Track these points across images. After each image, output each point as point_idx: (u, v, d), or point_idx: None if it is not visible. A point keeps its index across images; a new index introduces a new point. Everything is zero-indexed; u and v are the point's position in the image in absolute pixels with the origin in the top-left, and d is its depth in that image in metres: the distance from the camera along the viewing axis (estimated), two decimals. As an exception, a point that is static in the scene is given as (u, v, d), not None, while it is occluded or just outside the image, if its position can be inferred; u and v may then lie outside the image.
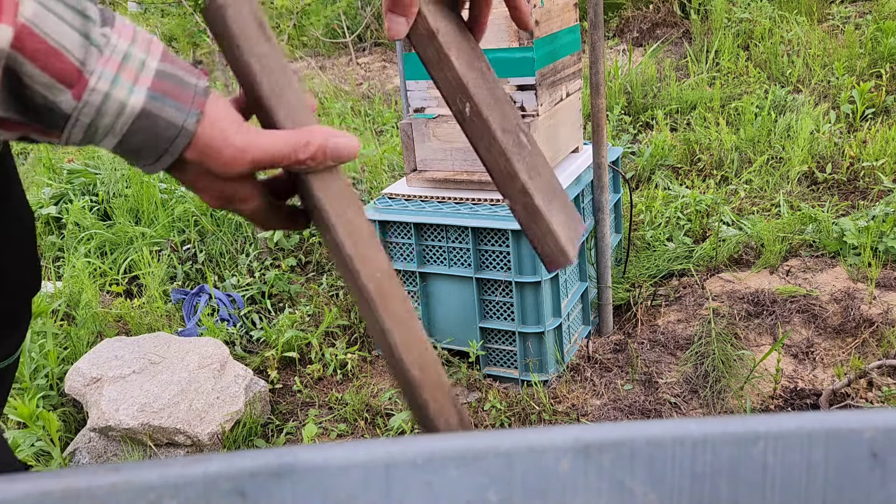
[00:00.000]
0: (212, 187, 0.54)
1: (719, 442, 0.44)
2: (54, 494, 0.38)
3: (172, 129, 0.49)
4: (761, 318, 2.25)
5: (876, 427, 0.43)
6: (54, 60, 0.45)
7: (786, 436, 0.45)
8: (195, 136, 0.50)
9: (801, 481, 0.45)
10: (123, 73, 0.47)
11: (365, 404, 2.04)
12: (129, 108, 0.48)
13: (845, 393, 1.91)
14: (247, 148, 0.51)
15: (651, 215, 2.82)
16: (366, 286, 0.57)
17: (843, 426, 0.43)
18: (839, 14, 4.79)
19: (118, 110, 0.47)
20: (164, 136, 0.49)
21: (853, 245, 2.49)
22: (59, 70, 0.45)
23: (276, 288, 2.61)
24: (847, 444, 0.44)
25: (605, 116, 2.00)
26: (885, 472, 0.44)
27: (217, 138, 0.51)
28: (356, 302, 0.59)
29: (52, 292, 2.56)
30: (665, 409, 1.95)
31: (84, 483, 0.37)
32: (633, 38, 5.21)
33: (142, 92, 0.48)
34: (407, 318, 0.59)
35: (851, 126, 3.47)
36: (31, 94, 0.45)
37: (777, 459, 0.45)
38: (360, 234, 0.57)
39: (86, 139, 0.49)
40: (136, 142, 0.49)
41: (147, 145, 0.50)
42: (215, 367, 1.99)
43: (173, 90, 0.49)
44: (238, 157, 0.51)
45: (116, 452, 1.88)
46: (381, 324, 0.57)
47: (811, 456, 0.45)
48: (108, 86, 0.47)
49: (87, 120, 0.47)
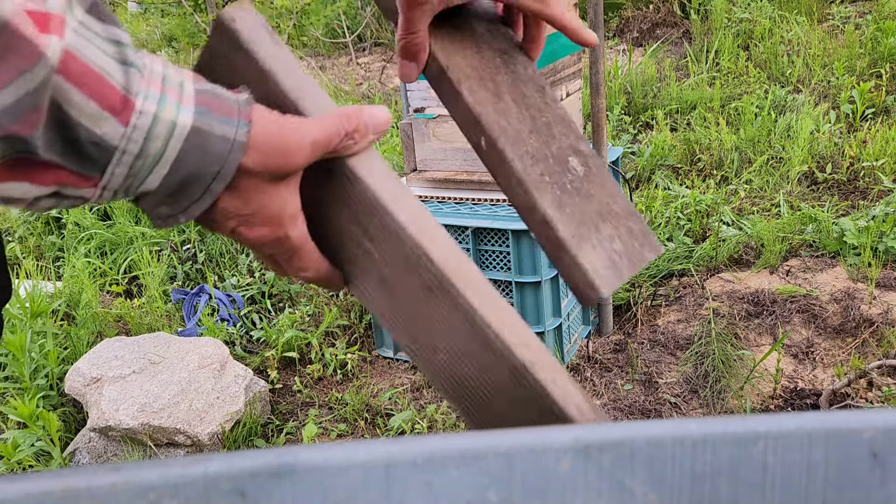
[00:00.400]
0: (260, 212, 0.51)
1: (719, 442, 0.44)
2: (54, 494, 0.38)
3: (224, 145, 0.47)
4: (761, 318, 2.25)
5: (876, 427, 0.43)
6: (99, 86, 0.42)
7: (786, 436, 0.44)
8: (250, 139, 0.48)
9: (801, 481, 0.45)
10: (168, 93, 0.45)
11: (365, 404, 2.04)
12: (180, 127, 0.45)
13: (845, 393, 1.91)
14: (303, 131, 0.50)
15: (651, 215, 2.82)
16: (441, 269, 0.51)
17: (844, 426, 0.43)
18: (839, 14, 4.79)
19: (168, 132, 0.45)
20: (217, 154, 0.47)
21: (853, 245, 2.49)
22: (103, 96, 0.42)
23: (276, 288, 2.61)
24: (847, 444, 0.44)
25: (605, 116, 2.00)
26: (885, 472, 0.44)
27: (273, 133, 0.49)
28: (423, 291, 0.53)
29: (52, 292, 2.56)
30: (665, 409, 1.95)
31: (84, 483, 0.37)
32: (633, 38, 5.21)
33: (189, 109, 0.46)
34: (495, 296, 0.53)
35: (851, 126, 3.47)
36: (74, 127, 0.42)
37: (777, 459, 0.45)
38: (420, 215, 0.53)
39: (127, 180, 0.45)
40: (187, 168, 0.46)
41: (196, 171, 0.47)
42: (215, 367, 1.99)
43: (219, 105, 0.47)
44: (298, 143, 0.50)
45: (116, 452, 1.88)
46: (465, 305, 0.51)
47: (811, 456, 0.45)
48: (155, 106, 0.44)
49: (136, 149, 0.44)
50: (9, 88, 0.39)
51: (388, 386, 2.15)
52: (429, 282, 0.52)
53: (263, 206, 0.51)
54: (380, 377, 2.20)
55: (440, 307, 0.52)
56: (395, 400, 2.06)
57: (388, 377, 2.20)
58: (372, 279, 0.56)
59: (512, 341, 0.52)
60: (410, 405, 2.04)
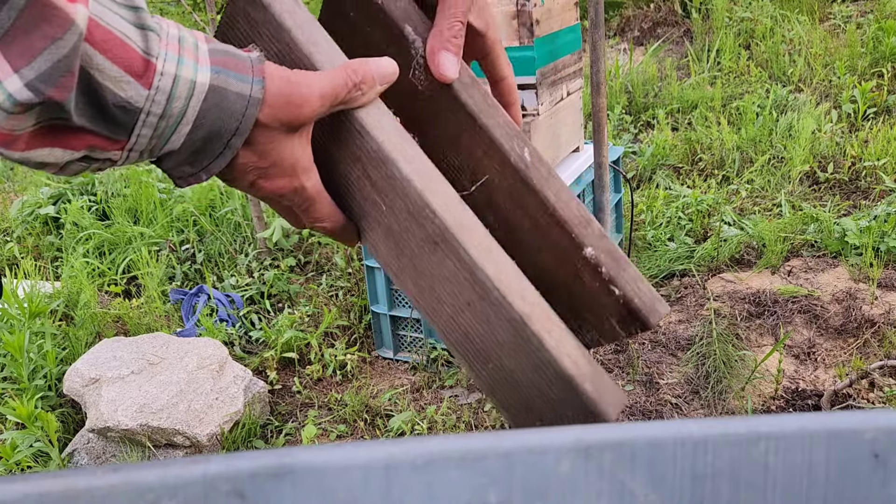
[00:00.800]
0: (277, 164, 0.53)
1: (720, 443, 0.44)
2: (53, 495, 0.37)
3: (241, 101, 0.49)
4: (763, 319, 2.24)
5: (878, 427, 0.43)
6: (121, 50, 0.44)
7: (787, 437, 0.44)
8: (265, 94, 0.50)
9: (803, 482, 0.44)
10: (185, 54, 0.47)
11: (364, 405, 2.03)
12: (199, 86, 0.47)
13: (847, 393, 1.90)
14: (311, 84, 0.52)
15: (652, 215, 2.81)
16: (443, 219, 0.52)
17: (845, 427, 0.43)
18: (840, 13, 4.78)
19: (189, 90, 0.47)
20: (235, 110, 0.49)
21: (855, 245, 2.48)
22: (126, 60, 0.44)
23: (276, 288, 2.60)
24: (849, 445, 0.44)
25: (606, 116, 1.99)
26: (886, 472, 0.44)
27: (284, 87, 0.51)
28: (427, 245, 0.54)
29: (51, 292, 2.55)
30: (666, 409, 1.94)
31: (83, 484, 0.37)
32: (634, 38, 5.20)
33: (205, 68, 0.48)
34: (494, 247, 0.53)
35: (853, 126, 3.46)
36: (102, 92, 0.44)
37: (778, 460, 0.44)
38: (426, 168, 0.54)
39: (152, 141, 0.48)
40: (207, 126, 0.49)
41: (217, 128, 0.49)
42: (214, 367, 1.98)
43: (234, 63, 0.49)
44: (308, 95, 0.51)
45: (115, 453, 1.87)
46: (465, 257, 0.52)
47: (813, 457, 0.44)
48: (174, 67, 0.46)
49: (159, 110, 0.46)
50: (43, 55, 0.41)
51: (387, 387, 2.14)
52: (433, 234, 0.53)
53: (280, 158, 0.53)
54: (379, 378, 2.19)
55: (444, 260, 0.53)
56: (395, 401, 2.05)
57: (388, 378, 2.19)
58: (380, 232, 0.57)
59: (509, 293, 0.52)
60: (410, 406, 2.03)
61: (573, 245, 0.59)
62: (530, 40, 1.89)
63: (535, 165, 0.60)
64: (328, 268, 2.73)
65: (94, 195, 3.26)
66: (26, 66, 0.41)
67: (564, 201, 0.59)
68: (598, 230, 0.60)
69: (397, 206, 0.54)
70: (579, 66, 2.25)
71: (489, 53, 0.64)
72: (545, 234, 0.60)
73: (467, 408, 1.99)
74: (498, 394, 0.59)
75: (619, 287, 0.58)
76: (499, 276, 0.52)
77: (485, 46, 0.64)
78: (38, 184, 3.48)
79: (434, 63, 0.59)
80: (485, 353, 0.56)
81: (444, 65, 0.59)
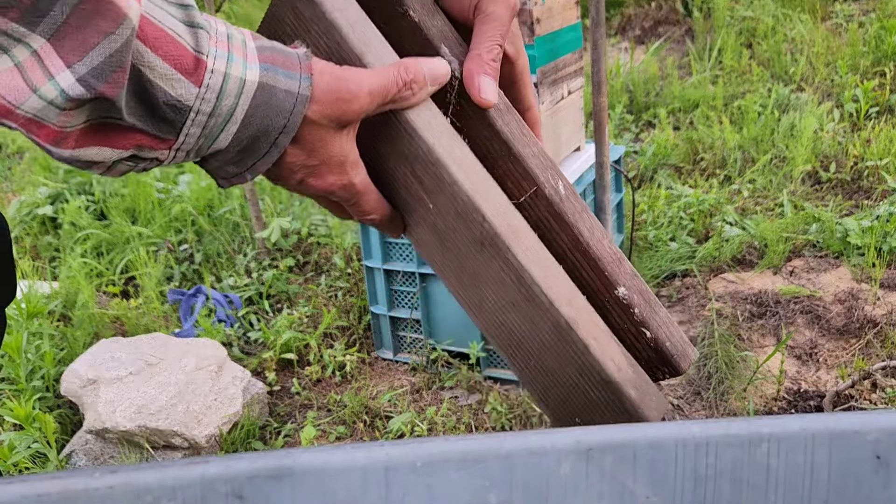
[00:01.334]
0: (326, 162, 0.53)
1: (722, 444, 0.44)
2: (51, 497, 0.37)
3: (289, 99, 0.48)
4: (764, 319, 2.23)
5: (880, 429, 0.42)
6: (172, 48, 0.43)
7: (789, 437, 0.44)
8: (312, 91, 0.49)
9: (805, 483, 0.44)
10: (235, 51, 0.46)
11: (364, 406, 2.02)
12: (248, 83, 0.47)
13: (849, 394, 1.89)
14: (360, 80, 0.51)
15: (653, 215, 2.80)
16: (493, 224, 0.52)
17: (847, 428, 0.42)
18: (842, 12, 4.76)
19: (239, 88, 0.46)
20: (283, 108, 0.48)
21: (857, 245, 2.47)
22: (177, 57, 0.44)
23: (275, 288, 2.59)
24: (851, 446, 0.43)
25: (607, 115, 1.98)
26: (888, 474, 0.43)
27: (332, 84, 0.50)
28: (474, 245, 0.53)
29: (49, 293, 2.54)
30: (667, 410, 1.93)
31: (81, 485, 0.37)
32: (636, 36, 5.19)
33: (255, 66, 0.47)
34: (543, 253, 0.54)
35: (855, 125, 3.45)
36: (152, 90, 0.44)
37: (780, 461, 0.44)
38: (476, 171, 0.54)
39: (199, 140, 0.47)
40: (255, 124, 0.48)
41: (265, 126, 0.48)
42: (213, 368, 1.97)
43: (282, 60, 0.49)
44: (356, 93, 0.50)
45: (113, 455, 1.86)
46: (514, 261, 0.52)
47: (815, 458, 0.44)
48: (224, 65, 0.46)
49: (209, 108, 0.45)
50: (95, 50, 0.40)
51: (387, 388, 2.13)
52: (480, 237, 0.53)
53: (328, 155, 0.52)
54: (379, 379, 2.18)
55: (490, 261, 0.54)
56: (395, 402, 2.04)
57: (388, 379, 2.18)
58: (426, 228, 0.58)
59: (557, 298, 0.52)
60: (410, 407, 2.02)
61: (605, 283, 0.58)
62: (531, 39, 1.88)
63: (569, 199, 0.59)
64: (327, 268, 2.72)
65: (92, 195, 3.25)
66: (79, 62, 0.40)
67: (598, 238, 0.59)
68: (630, 269, 0.60)
69: (445, 207, 0.54)
70: (580, 64, 2.23)
71: (517, 81, 0.63)
72: (574, 270, 0.59)
73: (467, 409, 1.98)
74: (537, 389, 0.59)
75: (652, 330, 0.58)
76: (546, 280, 0.53)
77: (514, 74, 0.62)
78: (36, 184, 3.47)
79: (474, 87, 0.57)
80: (527, 350, 0.56)
81: (485, 89, 0.57)
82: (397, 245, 2.09)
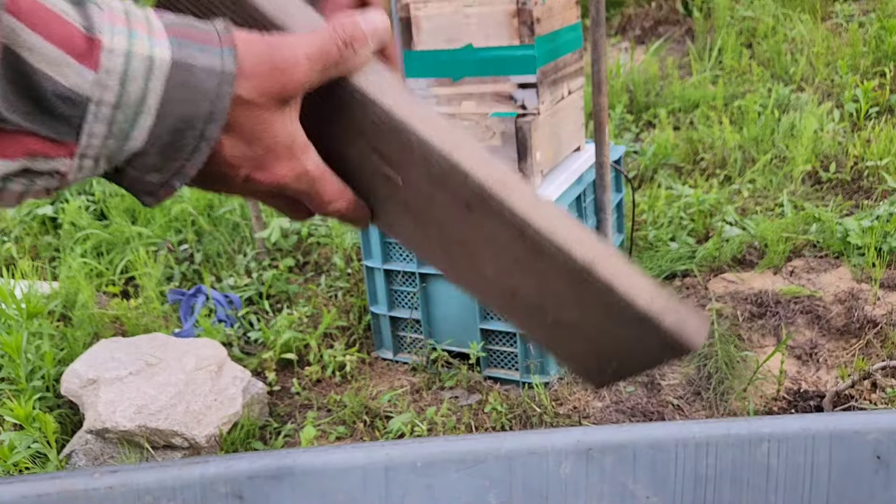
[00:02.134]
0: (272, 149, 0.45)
1: (722, 444, 0.44)
2: (51, 497, 0.37)
3: (212, 79, 0.40)
4: (765, 319, 2.23)
5: (880, 429, 0.42)
6: (56, 25, 0.36)
7: (790, 438, 0.44)
8: (239, 66, 0.42)
9: (805, 483, 0.44)
10: (136, 27, 0.38)
11: (364, 406, 2.02)
12: (158, 61, 0.38)
13: (849, 394, 1.88)
14: (294, 45, 0.43)
15: (654, 215, 2.80)
16: (480, 179, 0.46)
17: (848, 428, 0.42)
18: (843, 12, 4.76)
19: (146, 70, 0.38)
20: (205, 89, 0.40)
21: (857, 245, 2.47)
22: (63, 37, 0.36)
23: (275, 288, 2.59)
24: (851, 446, 0.43)
25: (608, 115, 1.98)
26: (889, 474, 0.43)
27: (263, 53, 0.43)
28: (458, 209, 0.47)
29: (49, 293, 2.54)
30: (668, 411, 1.92)
31: (81, 485, 0.37)
32: (636, 36, 5.19)
33: (163, 42, 0.39)
34: (544, 202, 0.47)
35: (855, 125, 3.45)
36: (35, 77, 0.36)
37: (781, 461, 0.44)
38: (444, 127, 0.47)
39: (108, 141, 0.39)
40: (174, 113, 0.40)
41: (186, 115, 0.40)
42: (213, 368, 1.97)
43: (196, 34, 0.40)
44: (292, 58, 0.43)
45: (113, 455, 1.86)
46: (509, 215, 0.46)
47: (815, 458, 0.44)
48: (126, 42, 0.38)
49: (112, 97, 0.37)
50: None
51: (387, 388, 2.13)
52: (467, 198, 0.47)
53: (274, 140, 0.45)
54: (379, 379, 2.18)
55: (481, 223, 0.48)
56: (395, 402, 2.04)
57: (388, 379, 2.18)
58: (397, 209, 0.51)
59: (565, 243, 0.46)
60: (410, 407, 2.01)
61: None
62: (531, 39, 1.88)
63: None
64: (327, 268, 2.72)
65: (92, 195, 3.25)
66: None
67: None
68: None
69: (417, 177, 0.48)
70: (580, 64, 2.23)
71: None
72: None
73: (467, 409, 1.98)
74: (559, 347, 0.54)
75: None
76: (550, 227, 0.46)
77: None
78: (37, 183, 3.47)
79: None
80: (541, 308, 0.51)
81: None
82: (397, 245, 2.09)
